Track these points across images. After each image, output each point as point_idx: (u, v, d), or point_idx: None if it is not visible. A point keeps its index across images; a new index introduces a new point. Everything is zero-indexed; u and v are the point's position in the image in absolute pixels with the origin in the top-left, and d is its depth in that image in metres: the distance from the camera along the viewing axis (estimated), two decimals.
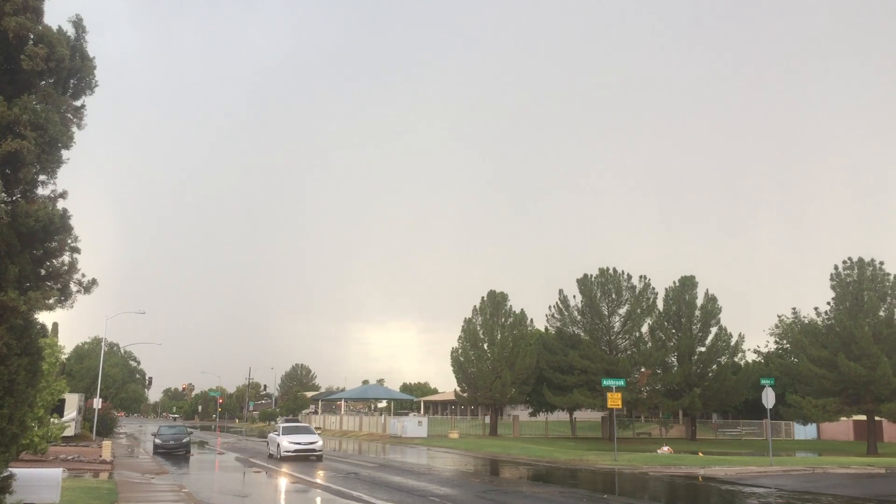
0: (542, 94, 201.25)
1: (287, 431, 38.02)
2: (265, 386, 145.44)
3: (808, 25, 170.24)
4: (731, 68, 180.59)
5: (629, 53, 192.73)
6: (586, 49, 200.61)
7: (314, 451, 36.44)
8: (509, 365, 63.50)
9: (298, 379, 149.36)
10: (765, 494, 23.05)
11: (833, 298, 47.92)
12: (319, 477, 27.11)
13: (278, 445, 36.76)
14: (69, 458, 30.91)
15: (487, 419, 70.94)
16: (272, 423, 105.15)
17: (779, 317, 67.19)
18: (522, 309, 67.41)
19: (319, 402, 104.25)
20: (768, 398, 34.89)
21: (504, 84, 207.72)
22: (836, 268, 47.73)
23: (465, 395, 68.41)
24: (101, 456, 32.33)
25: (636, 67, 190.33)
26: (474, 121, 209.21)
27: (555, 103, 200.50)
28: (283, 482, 26.06)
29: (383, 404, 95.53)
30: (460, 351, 67.32)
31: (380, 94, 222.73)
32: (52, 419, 29.89)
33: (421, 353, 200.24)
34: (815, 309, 49.82)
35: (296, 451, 35.86)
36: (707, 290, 62.05)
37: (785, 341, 64.97)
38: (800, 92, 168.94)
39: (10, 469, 6.34)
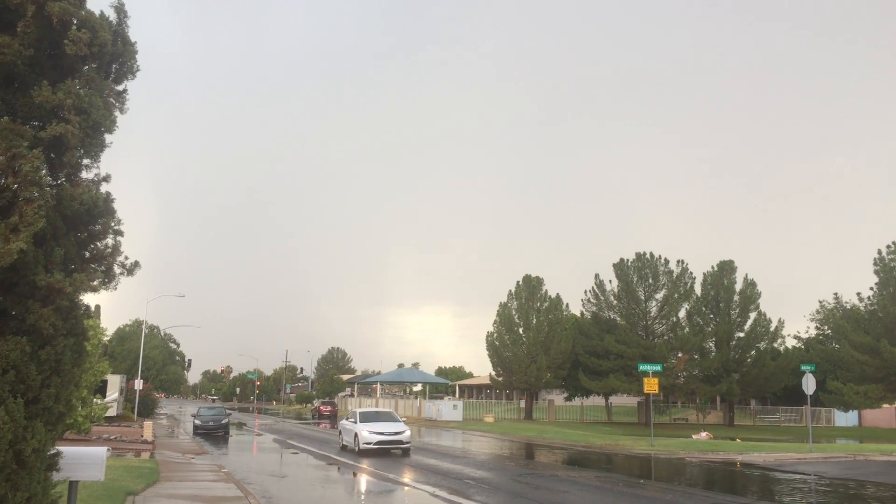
0: (577, 78, 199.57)
1: (366, 419, 30.86)
2: (302, 369, 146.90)
3: (847, 7, 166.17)
4: (769, 50, 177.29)
5: (665, 35, 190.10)
6: (620, 32, 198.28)
7: (401, 442, 29.45)
8: (545, 349, 63.44)
9: (334, 362, 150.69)
10: (804, 481, 22.78)
11: (876, 283, 47.04)
12: (356, 459, 27.36)
13: (356, 436, 29.86)
14: (112, 437, 31.58)
15: (523, 403, 71.00)
16: (309, 405, 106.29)
17: (820, 302, 65.90)
18: (558, 293, 67.34)
19: (355, 386, 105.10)
20: (808, 384, 34.39)
21: (539, 68, 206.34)
22: (879, 252, 46.82)
23: (500, 379, 68.50)
24: (142, 436, 32.98)
25: (672, 49, 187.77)
26: (508, 105, 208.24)
27: (590, 87, 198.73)
28: (320, 463, 26.35)
29: (418, 388, 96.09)
30: (495, 335, 67.38)
31: (415, 78, 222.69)
32: (95, 399, 30.57)
33: (456, 338, 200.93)
34: (858, 294, 49.03)
35: (378, 442, 29.03)
36: (746, 274, 61.22)
37: (826, 327, 63.84)
38: (840, 74, 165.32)
39: (57, 447, 6.47)
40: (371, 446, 28.90)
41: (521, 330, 66.24)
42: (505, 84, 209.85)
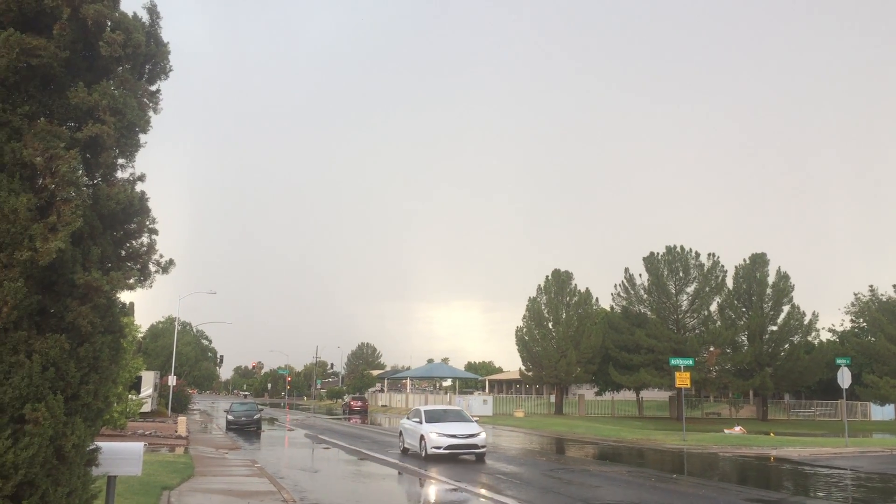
0: (603, 68, 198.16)
1: (433, 418, 26.33)
2: (332, 364, 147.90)
3: None
4: (801, 35, 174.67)
5: (691, 22, 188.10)
6: (646, 19, 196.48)
7: (476, 447, 25.00)
8: (574, 344, 63.22)
9: (364, 357, 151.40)
10: (840, 476, 22.48)
11: None
12: (387, 454, 27.48)
13: (422, 438, 25.36)
14: (147, 433, 31.96)
15: (553, 398, 70.82)
16: (339, 400, 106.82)
17: (855, 294, 65.23)
18: (587, 288, 67.14)
19: (385, 381, 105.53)
20: (844, 378, 33.90)
21: (566, 59, 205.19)
22: None
23: (530, 374, 68.43)
24: (176, 431, 33.35)
25: (699, 36, 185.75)
26: (535, 98, 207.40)
27: (619, 79, 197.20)
28: (350, 458, 26.49)
29: (448, 383, 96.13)
30: (525, 330, 67.30)
31: (443, 71, 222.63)
32: (130, 395, 30.97)
33: (485, 332, 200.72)
34: (894, 286, 48.27)
35: (450, 447, 24.63)
36: (779, 267, 60.62)
37: (861, 320, 63.00)
38: (875, 59, 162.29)
39: (95, 443, 6.58)
40: (441, 451, 24.60)
41: (550, 324, 66.10)
42: (532, 77, 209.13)
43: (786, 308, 59.80)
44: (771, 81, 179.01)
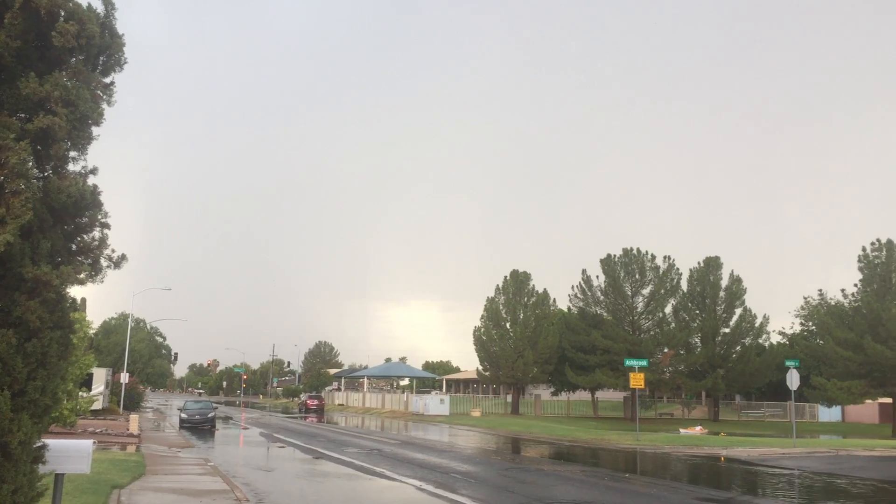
0: (566, 74, 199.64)
1: None
2: (289, 363, 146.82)
3: (834, 7, 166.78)
4: (760, 47, 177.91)
5: (654, 32, 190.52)
6: (612, 26, 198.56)
7: None
8: (532, 344, 63.65)
9: (321, 356, 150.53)
10: (788, 476, 22.99)
11: (860, 280, 47.47)
12: (343, 453, 27.37)
13: None
14: (97, 431, 31.38)
15: (509, 398, 71.23)
16: (296, 399, 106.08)
17: (805, 298, 66.52)
18: (545, 288, 67.74)
19: (342, 380, 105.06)
20: (793, 380, 34.67)
21: (529, 64, 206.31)
22: (863, 249, 47.25)
23: (487, 373, 68.69)
24: (128, 429, 32.81)
25: (661, 46, 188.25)
26: (498, 100, 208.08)
27: (578, 83, 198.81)
28: (306, 457, 26.33)
29: (406, 382, 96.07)
30: (483, 330, 67.57)
31: (405, 72, 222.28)
32: (80, 393, 30.39)
33: (443, 332, 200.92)
34: (842, 290, 49.46)
35: None
36: (732, 270, 61.70)
37: (811, 323, 64.35)
38: (829, 71, 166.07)
39: (43, 440, 6.47)
40: None
41: (508, 325, 66.46)
42: (495, 80, 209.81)
43: (738, 311, 60.93)
44: (727, 84, 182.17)
